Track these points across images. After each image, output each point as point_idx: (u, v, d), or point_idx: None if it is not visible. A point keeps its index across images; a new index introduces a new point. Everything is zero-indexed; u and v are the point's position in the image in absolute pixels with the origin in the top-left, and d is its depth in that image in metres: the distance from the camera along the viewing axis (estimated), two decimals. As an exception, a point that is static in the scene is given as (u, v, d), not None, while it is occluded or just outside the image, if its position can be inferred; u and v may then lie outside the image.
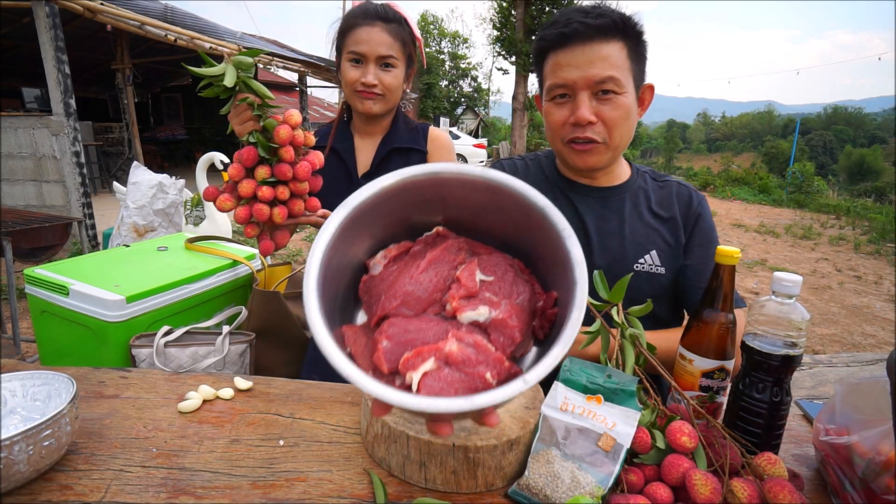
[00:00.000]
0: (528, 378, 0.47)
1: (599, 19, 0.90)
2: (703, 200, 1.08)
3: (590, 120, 0.92)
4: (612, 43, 0.91)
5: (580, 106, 0.92)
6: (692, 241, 1.03)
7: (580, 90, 0.92)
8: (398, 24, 1.22)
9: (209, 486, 0.65)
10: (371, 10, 1.22)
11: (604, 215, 1.03)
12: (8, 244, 2.48)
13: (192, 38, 6.33)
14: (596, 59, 0.90)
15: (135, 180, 2.79)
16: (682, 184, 1.09)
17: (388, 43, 1.20)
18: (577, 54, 0.91)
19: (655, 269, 0.99)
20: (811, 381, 1.05)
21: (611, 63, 0.90)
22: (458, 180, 0.58)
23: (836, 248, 7.17)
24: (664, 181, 1.09)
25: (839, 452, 0.65)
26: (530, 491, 0.63)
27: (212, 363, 1.09)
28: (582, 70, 0.91)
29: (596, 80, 0.90)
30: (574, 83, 0.92)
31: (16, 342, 2.69)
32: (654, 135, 60.09)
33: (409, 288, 0.59)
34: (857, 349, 3.69)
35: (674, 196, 1.06)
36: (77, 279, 1.18)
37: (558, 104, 0.96)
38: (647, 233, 1.01)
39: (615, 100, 0.92)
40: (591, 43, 0.90)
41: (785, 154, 23.20)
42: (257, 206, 0.93)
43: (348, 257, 0.62)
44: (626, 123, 0.94)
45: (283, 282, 1.53)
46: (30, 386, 0.74)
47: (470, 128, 28.35)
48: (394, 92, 1.25)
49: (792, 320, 0.65)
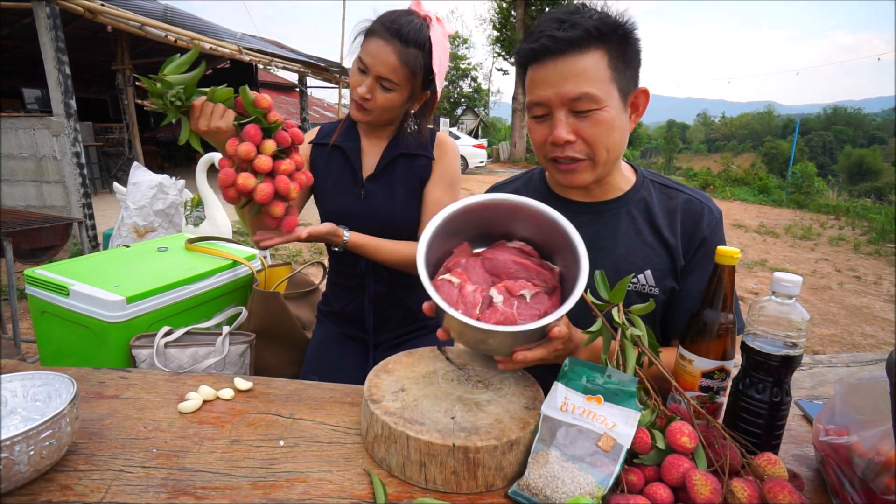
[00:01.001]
0: (565, 305, 0.73)
1: (571, 31, 0.82)
2: (717, 221, 0.96)
3: (567, 139, 0.86)
4: (588, 54, 0.83)
5: (556, 125, 0.86)
6: (693, 263, 0.94)
7: (556, 108, 0.86)
8: (417, 48, 1.13)
9: (209, 486, 0.65)
10: (395, 25, 1.12)
11: (597, 231, 0.96)
12: (8, 245, 2.48)
13: (192, 38, 6.33)
14: (569, 74, 0.83)
15: (135, 181, 2.79)
16: (694, 198, 0.97)
17: (393, 66, 1.12)
18: (549, 70, 0.85)
19: (649, 289, 0.93)
20: (811, 382, 1.05)
21: (585, 78, 0.83)
22: (507, 206, 0.84)
23: (836, 248, 7.17)
24: (673, 192, 0.98)
25: (839, 452, 0.65)
26: (530, 491, 0.63)
27: (212, 364, 1.09)
28: (555, 87, 0.84)
29: (570, 97, 0.84)
30: (549, 100, 0.86)
31: (16, 342, 2.69)
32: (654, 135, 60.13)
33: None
34: (856, 349, 3.70)
35: (679, 212, 0.95)
36: (77, 280, 1.18)
37: (538, 122, 0.90)
38: (644, 251, 0.94)
39: (594, 116, 0.85)
40: (564, 57, 0.83)
41: (785, 154, 23.22)
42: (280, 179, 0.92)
43: (443, 250, 0.88)
44: (609, 138, 0.87)
45: (283, 282, 1.53)
46: (30, 386, 0.74)
47: (470, 128, 28.36)
48: (386, 112, 1.19)
49: (792, 321, 0.65)
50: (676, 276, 0.94)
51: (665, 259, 0.94)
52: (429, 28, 1.15)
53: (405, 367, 0.85)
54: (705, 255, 0.93)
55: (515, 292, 0.80)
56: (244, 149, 0.89)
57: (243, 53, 7.39)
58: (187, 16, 6.69)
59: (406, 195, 1.26)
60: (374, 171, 1.27)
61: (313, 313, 1.57)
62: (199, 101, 0.90)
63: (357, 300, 1.35)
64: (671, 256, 0.94)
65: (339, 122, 1.37)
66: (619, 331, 0.73)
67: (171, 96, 0.87)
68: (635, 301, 0.87)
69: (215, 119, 0.91)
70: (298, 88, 10.69)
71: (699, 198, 0.98)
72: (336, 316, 1.41)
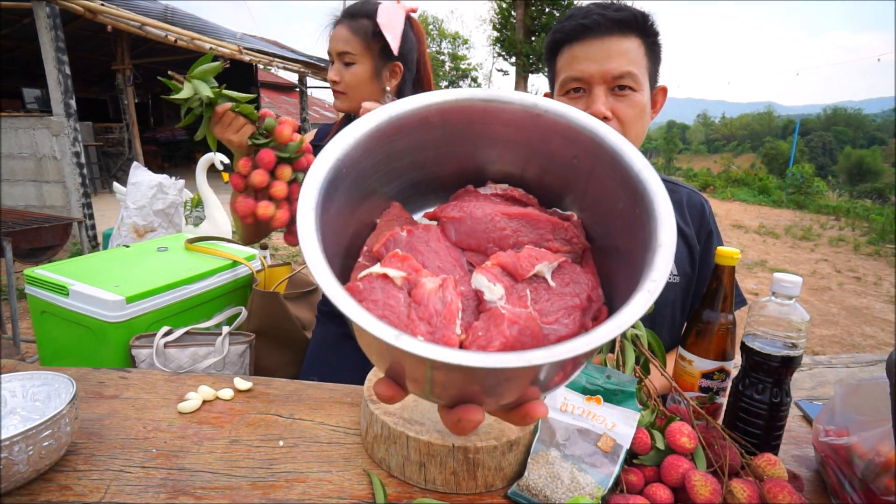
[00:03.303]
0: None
1: (619, 13, 0.88)
2: (712, 213, 1.05)
3: (605, 115, 0.88)
4: (630, 38, 0.89)
5: (596, 101, 0.88)
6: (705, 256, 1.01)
7: (596, 84, 0.89)
8: (365, 17, 1.19)
9: (209, 486, 0.65)
10: (345, 8, 1.21)
11: None
12: (8, 244, 2.48)
13: (193, 38, 6.34)
14: (614, 53, 0.88)
15: (135, 181, 2.80)
16: (692, 190, 1.07)
17: (346, 39, 1.18)
18: (595, 47, 0.89)
19: (672, 277, 0.98)
20: (811, 382, 1.05)
21: (629, 58, 0.88)
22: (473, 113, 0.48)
23: (836, 249, 7.17)
24: (673, 187, 1.06)
25: (839, 453, 0.65)
26: (530, 492, 0.63)
27: (211, 364, 1.09)
28: (599, 64, 0.88)
29: (613, 74, 0.87)
30: (591, 77, 0.89)
31: (16, 342, 2.69)
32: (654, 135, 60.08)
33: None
34: (856, 350, 3.69)
35: (685, 205, 1.03)
36: (77, 279, 1.18)
37: (572, 98, 0.93)
38: None
39: (631, 97, 0.89)
40: (610, 36, 0.88)
41: (784, 155, 23.20)
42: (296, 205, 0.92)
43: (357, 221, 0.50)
44: (640, 122, 0.91)
45: (282, 282, 1.53)
46: (30, 386, 0.74)
47: (470, 128, 28.31)
48: (356, 89, 1.21)
49: (792, 321, 0.65)
50: (694, 263, 1.00)
51: (682, 247, 1.00)
52: (370, 2, 1.22)
53: (405, 368, 0.84)
54: (713, 246, 1.01)
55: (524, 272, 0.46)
56: (257, 178, 0.88)
57: (243, 53, 7.39)
58: (187, 16, 6.70)
59: None
60: None
61: (313, 313, 1.57)
62: (221, 108, 0.89)
63: (357, 300, 1.35)
64: (688, 243, 1.00)
65: (335, 123, 1.38)
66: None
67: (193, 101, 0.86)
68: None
69: (230, 131, 0.91)
70: (298, 88, 10.69)
71: (695, 192, 1.07)
72: (336, 316, 1.41)
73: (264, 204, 0.90)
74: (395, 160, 0.50)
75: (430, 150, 0.51)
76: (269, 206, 0.90)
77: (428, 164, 0.52)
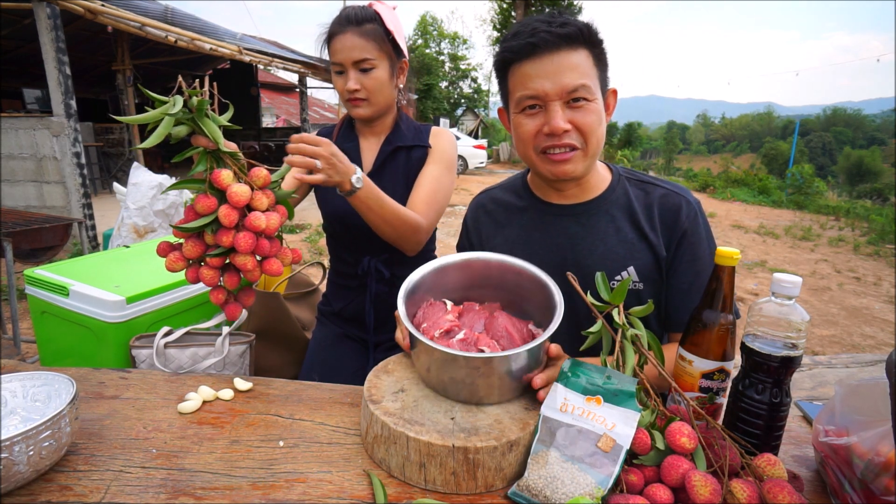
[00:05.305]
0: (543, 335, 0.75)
1: (565, 28, 0.88)
2: (696, 212, 0.99)
3: (565, 129, 0.90)
4: (578, 51, 0.89)
5: (554, 116, 0.90)
6: (678, 259, 0.97)
7: (552, 101, 0.90)
8: (372, 22, 1.20)
9: (209, 486, 0.65)
10: (343, 16, 1.21)
11: (578, 234, 1.00)
12: (8, 245, 2.48)
13: (193, 38, 6.34)
14: (565, 68, 0.88)
15: (135, 181, 2.80)
16: (670, 192, 1.00)
17: (361, 46, 1.18)
18: (546, 64, 0.89)
19: (633, 284, 0.96)
20: (811, 383, 1.05)
21: (580, 71, 0.89)
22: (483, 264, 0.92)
23: (836, 249, 7.17)
24: (650, 188, 1.02)
25: (838, 453, 0.65)
26: (530, 492, 0.63)
27: (212, 364, 1.09)
28: (553, 80, 0.89)
29: (568, 89, 0.89)
30: (546, 94, 0.90)
31: (16, 343, 2.69)
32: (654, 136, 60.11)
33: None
34: (856, 350, 3.70)
35: (656, 206, 0.99)
36: (77, 280, 1.18)
37: (529, 115, 0.94)
38: (625, 248, 0.97)
39: (587, 107, 0.90)
40: (559, 52, 0.88)
41: (784, 155, 23.22)
42: (203, 272, 0.82)
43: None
44: (599, 129, 0.92)
45: (282, 283, 1.53)
46: (30, 387, 0.74)
47: (470, 129, 28.36)
48: (378, 93, 1.23)
49: (791, 321, 0.65)
50: (661, 269, 0.98)
51: (647, 254, 0.97)
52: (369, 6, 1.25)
53: (405, 368, 0.85)
54: (689, 248, 0.97)
55: (497, 339, 0.84)
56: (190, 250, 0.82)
57: (243, 54, 7.40)
58: (187, 16, 6.70)
59: (407, 188, 1.28)
60: (373, 168, 1.29)
61: (313, 313, 1.57)
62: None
63: (357, 300, 1.35)
64: (653, 251, 0.97)
65: (336, 124, 1.38)
66: (619, 332, 0.73)
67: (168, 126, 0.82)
68: None
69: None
70: (298, 89, 10.70)
71: (675, 190, 1.01)
72: (336, 316, 1.41)
73: (174, 256, 0.83)
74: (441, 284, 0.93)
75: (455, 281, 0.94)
76: (179, 261, 0.83)
77: (449, 287, 0.94)
